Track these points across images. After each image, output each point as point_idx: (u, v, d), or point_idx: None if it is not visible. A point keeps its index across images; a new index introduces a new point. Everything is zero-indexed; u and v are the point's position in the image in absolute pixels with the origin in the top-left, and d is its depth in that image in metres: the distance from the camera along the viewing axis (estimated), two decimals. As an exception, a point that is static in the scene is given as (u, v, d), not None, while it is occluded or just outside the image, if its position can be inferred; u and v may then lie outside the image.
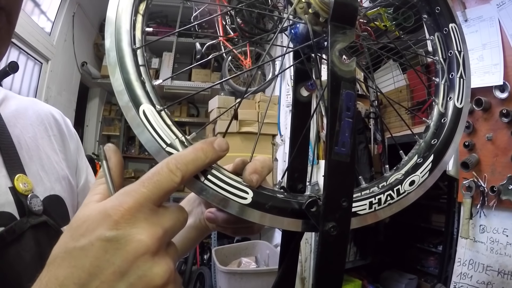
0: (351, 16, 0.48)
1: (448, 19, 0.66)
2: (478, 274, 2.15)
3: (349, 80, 0.46)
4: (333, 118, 0.45)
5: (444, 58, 0.67)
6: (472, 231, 2.20)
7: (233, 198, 0.46)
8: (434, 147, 0.60)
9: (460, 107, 0.62)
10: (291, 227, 0.48)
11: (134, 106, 0.46)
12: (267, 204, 0.47)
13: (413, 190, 0.56)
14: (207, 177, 0.45)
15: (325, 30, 0.54)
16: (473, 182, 2.19)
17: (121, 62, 0.47)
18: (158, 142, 0.45)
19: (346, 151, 0.45)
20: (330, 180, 0.45)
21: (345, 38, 0.47)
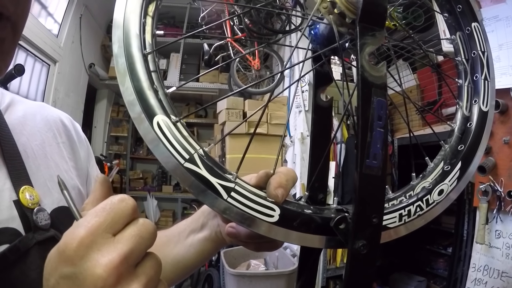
0: (381, 17, 0.45)
1: (470, 18, 0.63)
2: (493, 280, 2.11)
3: (380, 87, 0.43)
4: (364, 128, 0.42)
5: (466, 59, 0.63)
6: (487, 236, 2.16)
7: (259, 216, 0.43)
8: (462, 153, 0.57)
9: (485, 111, 0.60)
10: (315, 244, 0.46)
11: (147, 117, 0.42)
12: (295, 221, 0.44)
13: (442, 199, 0.53)
14: (230, 194, 0.42)
15: (351, 32, 0.50)
16: (489, 186, 2.14)
17: (131, 69, 0.44)
18: (175, 157, 0.42)
19: (377, 163, 0.42)
20: (361, 195, 0.42)
21: (374, 41, 0.44)
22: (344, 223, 0.44)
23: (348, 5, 0.47)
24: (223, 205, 0.42)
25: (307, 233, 0.45)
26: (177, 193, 6.49)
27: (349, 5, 0.47)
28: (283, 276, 2.80)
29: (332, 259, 3.52)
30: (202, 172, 0.42)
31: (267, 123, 3.92)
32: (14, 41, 0.57)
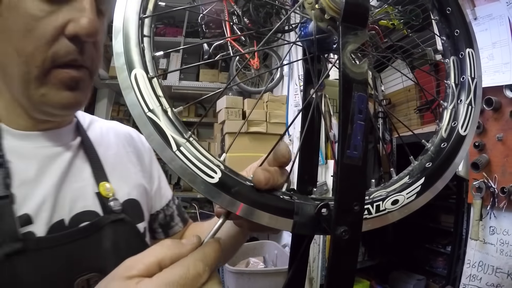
0: (363, 17, 0.48)
1: (466, 44, 0.65)
2: (487, 276, 2.13)
3: (361, 82, 0.45)
4: (345, 121, 0.44)
5: (456, 84, 0.65)
6: (482, 232, 2.17)
7: (200, 174, 0.46)
8: (427, 170, 0.58)
9: (463, 135, 0.60)
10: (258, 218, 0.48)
11: (127, 68, 0.48)
12: (233, 188, 0.47)
13: (395, 209, 0.54)
14: (179, 148, 0.46)
15: (330, 28, 0.53)
16: (483, 183, 2.16)
17: (125, 27, 0.49)
18: (141, 106, 0.47)
19: (358, 154, 0.45)
20: (342, 183, 0.45)
21: (356, 39, 0.47)
22: (327, 210, 0.46)
23: (329, 2, 0.50)
24: (169, 156, 0.46)
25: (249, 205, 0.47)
26: (177, 192, 6.39)
27: (330, 3, 0.50)
28: (282, 273, 2.83)
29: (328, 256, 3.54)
30: (161, 124, 0.47)
31: (266, 122, 3.94)
32: (91, 81, 0.79)
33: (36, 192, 0.72)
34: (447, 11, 0.66)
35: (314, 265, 3.43)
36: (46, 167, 0.76)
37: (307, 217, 0.48)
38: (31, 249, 0.66)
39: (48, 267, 0.67)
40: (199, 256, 0.45)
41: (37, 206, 0.71)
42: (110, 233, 0.78)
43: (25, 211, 0.69)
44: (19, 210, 0.68)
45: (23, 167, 0.73)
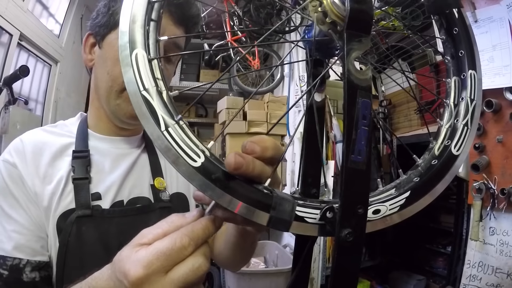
0: (367, 24, 0.48)
1: (469, 65, 0.64)
2: (487, 276, 2.14)
3: (365, 89, 0.46)
4: (349, 126, 0.45)
5: (455, 104, 0.65)
6: (481, 233, 2.19)
7: (183, 155, 0.47)
8: (414, 184, 0.57)
9: (456, 155, 0.60)
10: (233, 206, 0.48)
11: (130, 47, 0.50)
12: (213, 174, 0.47)
13: (375, 219, 0.53)
14: (167, 128, 0.48)
15: (330, 32, 0.54)
16: (483, 184, 2.18)
17: (134, 8, 0.52)
18: (137, 83, 0.49)
19: (362, 159, 0.46)
20: (347, 187, 0.46)
21: (360, 46, 0.48)
22: (332, 212, 0.47)
23: (332, 7, 0.51)
24: (157, 134, 0.47)
25: (226, 193, 0.47)
26: None
27: (333, 7, 0.51)
28: (283, 273, 2.83)
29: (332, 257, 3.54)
30: (153, 103, 0.48)
31: (267, 122, 3.95)
32: None
33: (107, 179, 0.99)
34: (454, 31, 0.66)
35: (314, 266, 3.44)
36: (117, 162, 1.04)
37: (285, 214, 0.49)
38: (96, 216, 0.92)
39: (105, 231, 0.92)
40: (187, 231, 0.52)
41: (106, 188, 0.98)
42: (157, 216, 0.98)
43: (97, 190, 0.96)
44: (93, 189, 0.96)
45: (100, 160, 1.01)
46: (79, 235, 0.89)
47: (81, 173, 0.95)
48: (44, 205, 0.90)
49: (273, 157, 0.53)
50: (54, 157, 0.96)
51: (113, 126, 1.06)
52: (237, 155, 0.47)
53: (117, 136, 1.08)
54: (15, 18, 3.55)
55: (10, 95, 2.80)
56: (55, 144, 0.98)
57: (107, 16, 0.98)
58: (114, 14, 0.97)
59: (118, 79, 0.95)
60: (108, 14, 0.98)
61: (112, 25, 0.97)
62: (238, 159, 0.47)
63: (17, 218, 0.87)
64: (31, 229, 0.88)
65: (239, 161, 0.47)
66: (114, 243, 0.91)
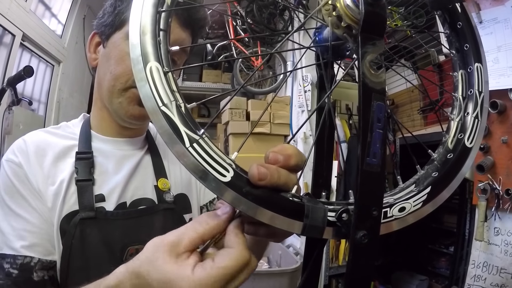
0: (381, 27, 0.49)
1: (475, 58, 0.65)
2: (492, 276, 2.15)
3: (379, 92, 0.46)
4: (364, 129, 0.46)
5: (463, 97, 0.65)
6: (486, 233, 2.19)
7: (212, 171, 0.46)
8: (434, 179, 0.58)
9: (469, 147, 0.61)
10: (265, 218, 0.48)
11: (143, 60, 0.49)
12: (244, 188, 0.47)
13: (401, 216, 0.54)
14: (192, 144, 0.47)
15: (345, 36, 0.54)
16: (488, 184, 2.18)
17: (143, 19, 0.50)
18: (155, 99, 0.47)
19: (377, 161, 0.46)
20: (362, 190, 0.46)
21: (374, 49, 0.48)
22: (347, 215, 0.48)
23: (347, 10, 0.51)
24: (182, 151, 0.46)
25: (259, 205, 0.47)
26: None
27: (347, 11, 0.51)
28: (286, 274, 2.81)
29: (335, 257, 3.54)
30: (174, 119, 0.47)
31: (270, 122, 3.94)
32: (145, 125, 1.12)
33: (111, 180, 0.98)
34: (458, 25, 0.66)
35: (318, 265, 3.43)
36: (121, 164, 1.03)
37: (318, 220, 0.49)
38: (99, 218, 0.91)
39: (108, 233, 0.91)
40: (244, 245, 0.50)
41: (110, 190, 0.97)
42: (161, 217, 0.99)
43: (101, 192, 0.95)
44: (97, 191, 0.95)
45: (104, 162, 1.00)
46: (83, 237, 0.88)
47: (85, 174, 0.94)
48: (48, 206, 0.89)
49: (297, 164, 0.52)
50: (57, 158, 0.96)
51: (116, 127, 1.06)
52: (259, 166, 0.47)
53: (121, 137, 1.07)
54: (18, 19, 3.55)
55: (14, 96, 2.79)
56: (58, 146, 0.98)
57: (113, 16, 0.98)
58: (120, 14, 0.97)
59: (121, 78, 0.95)
60: (113, 13, 0.98)
61: (118, 24, 0.97)
62: (262, 170, 0.47)
63: (27, 217, 0.87)
64: (42, 227, 0.88)
65: (263, 172, 0.46)
66: (118, 245, 0.91)
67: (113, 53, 0.98)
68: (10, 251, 0.83)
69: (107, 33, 1.00)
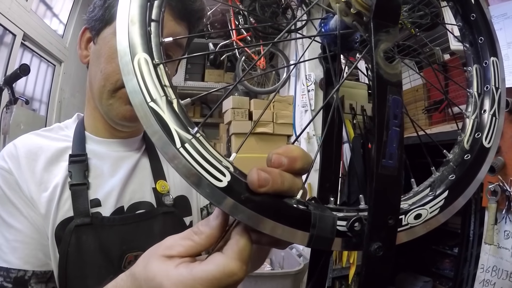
0: (395, 13, 0.43)
1: (490, 52, 0.61)
2: (501, 281, 2.09)
3: (395, 84, 0.41)
4: (380, 127, 0.40)
5: (479, 93, 0.61)
6: (496, 237, 2.13)
7: (206, 176, 0.40)
8: (451, 183, 0.53)
9: (487, 147, 0.56)
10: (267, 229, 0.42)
11: (130, 52, 0.43)
12: (242, 194, 0.41)
13: (418, 224, 0.49)
14: (184, 145, 0.41)
15: (355, 24, 0.49)
16: (498, 186, 2.12)
17: (132, 8, 0.45)
18: (143, 94, 0.42)
19: (393, 163, 0.40)
20: (377, 196, 0.40)
21: (388, 37, 0.43)
22: (359, 224, 0.42)
23: None
24: (172, 153, 0.41)
25: (259, 214, 0.41)
26: None
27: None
28: (289, 276, 2.79)
29: (338, 259, 3.50)
30: (164, 115, 0.42)
31: (273, 122, 3.90)
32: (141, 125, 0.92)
33: (106, 184, 0.93)
34: (471, 17, 0.62)
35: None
36: (117, 166, 0.98)
37: (326, 231, 0.43)
38: (95, 224, 0.86)
39: (105, 240, 0.86)
40: (233, 253, 0.44)
41: (106, 194, 0.92)
42: (160, 222, 0.94)
43: (96, 197, 0.90)
44: (92, 195, 0.90)
45: (99, 164, 0.95)
46: (79, 245, 0.84)
47: (79, 178, 0.89)
48: (41, 213, 0.85)
49: (302, 168, 0.46)
50: (49, 162, 0.91)
51: (110, 127, 1.00)
52: (260, 170, 0.41)
53: (116, 138, 1.02)
54: (19, 18, 3.53)
55: (11, 95, 2.73)
56: (51, 149, 0.93)
57: (103, 10, 0.92)
58: (110, 7, 0.91)
59: (111, 78, 0.89)
60: (103, 7, 0.92)
61: (108, 19, 0.92)
62: (262, 175, 0.41)
63: (19, 227, 0.82)
64: (35, 237, 0.83)
65: (264, 177, 0.41)
66: (115, 252, 0.87)
67: (103, 50, 0.92)
68: (3, 264, 0.80)
69: (97, 28, 0.94)
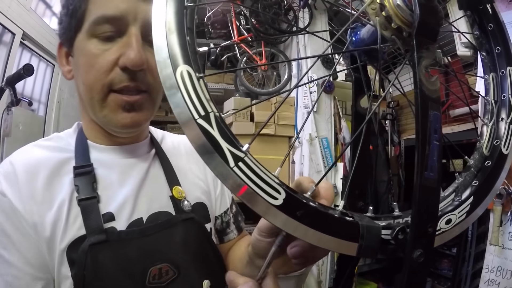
0: (435, 30, 0.46)
1: (507, 61, 0.64)
2: (506, 280, 2.15)
3: (435, 100, 0.44)
4: (423, 141, 0.43)
5: (495, 100, 0.64)
6: (501, 238, 2.19)
7: (262, 194, 0.41)
8: (475, 188, 0.56)
9: (506, 153, 0.60)
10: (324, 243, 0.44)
11: (172, 63, 0.42)
12: (298, 211, 0.42)
13: (449, 228, 0.52)
14: (237, 163, 0.41)
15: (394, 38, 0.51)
16: (503, 189, 2.17)
17: (167, 15, 0.44)
18: (190, 110, 0.41)
19: (434, 176, 0.43)
20: (420, 207, 0.43)
21: (429, 54, 0.45)
22: (403, 234, 0.44)
23: (397, 11, 0.48)
24: (226, 173, 0.40)
25: (314, 229, 0.43)
26: None
27: (398, 11, 0.48)
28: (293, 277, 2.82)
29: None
30: (214, 133, 0.41)
31: (275, 124, 3.90)
32: (151, 102, 0.89)
33: (118, 195, 0.86)
34: (489, 27, 0.65)
35: (322, 268, 3.43)
36: (126, 174, 0.91)
37: (373, 240, 0.45)
38: (112, 241, 0.78)
39: (125, 256, 0.79)
40: None
41: (119, 206, 0.85)
42: (181, 230, 0.88)
43: (108, 210, 0.83)
44: (103, 209, 0.83)
45: (107, 174, 0.88)
46: (96, 266, 0.76)
47: (87, 192, 0.82)
48: (46, 236, 0.77)
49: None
50: (51, 177, 0.83)
51: (112, 136, 0.93)
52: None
53: (121, 144, 0.95)
54: (18, 17, 3.52)
55: (13, 96, 2.61)
56: (51, 161, 0.86)
57: (68, 17, 0.84)
58: (75, 12, 0.82)
59: (95, 87, 0.82)
60: (68, 15, 0.84)
61: (75, 25, 0.83)
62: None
63: (11, 260, 0.75)
64: (29, 272, 0.76)
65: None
66: (138, 268, 0.80)
67: (80, 60, 0.85)
68: None
69: (69, 38, 0.86)
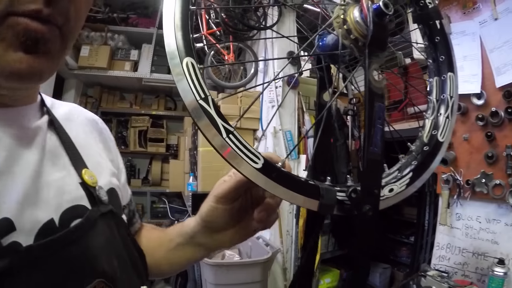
0: (384, 43, 0.60)
1: (448, 68, 0.79)
2: (455, 256, 2.41)
3: (381, 95, 0.58)
4: (369, 125, 0.57)
5: (437, 99, 0.79)
6: (449, 219, 2.46)
7: (247, 160, 0.52)
8: (414, 166, 0.71)
9: (441, 141, 0.75)
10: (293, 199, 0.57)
11: (179, 55, 0.52)
12: (273, 173, 0.54)
13: (391, 196, 0.66)
14: (228, 135, 0.52)
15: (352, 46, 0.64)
16: (450, 176, 2.44)
17: (176, 15, 0.54)
18: (193, 93, 0.51)
19: (378, 150, 0.58)
20: (367, 173, 0.58)
21: (377, 60, 0.59)
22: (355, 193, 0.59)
23: (356, 25, 0.61)
24: (220, 142, 0.51)
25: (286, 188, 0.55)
26: (146, 187, 5.98)
27: (356, 26, 0.61)
28: (259, 264, 2.88)
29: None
30: (211, 111, 0.51)
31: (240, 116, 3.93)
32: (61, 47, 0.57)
33: (10, 187, 0.54)
34: (436, 39, 0.80)
35: (287, 256, 3.54)
36: (16, 153, 0.57)
37: (331, 199, 0.59)
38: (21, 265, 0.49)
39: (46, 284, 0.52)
40: None
41: (17, 206, 0.53)
42: (102, 228, 0.64)
43: (3, 215, 0.50)
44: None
45: None
46: None
47: None
48: None
49: None
50: None
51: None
52: None
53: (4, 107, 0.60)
54: None
55: None
56: None
57: None
58: None
59: None
60: None
61: None
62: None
63: None
64: None
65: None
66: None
67: None
68: None
69: None
